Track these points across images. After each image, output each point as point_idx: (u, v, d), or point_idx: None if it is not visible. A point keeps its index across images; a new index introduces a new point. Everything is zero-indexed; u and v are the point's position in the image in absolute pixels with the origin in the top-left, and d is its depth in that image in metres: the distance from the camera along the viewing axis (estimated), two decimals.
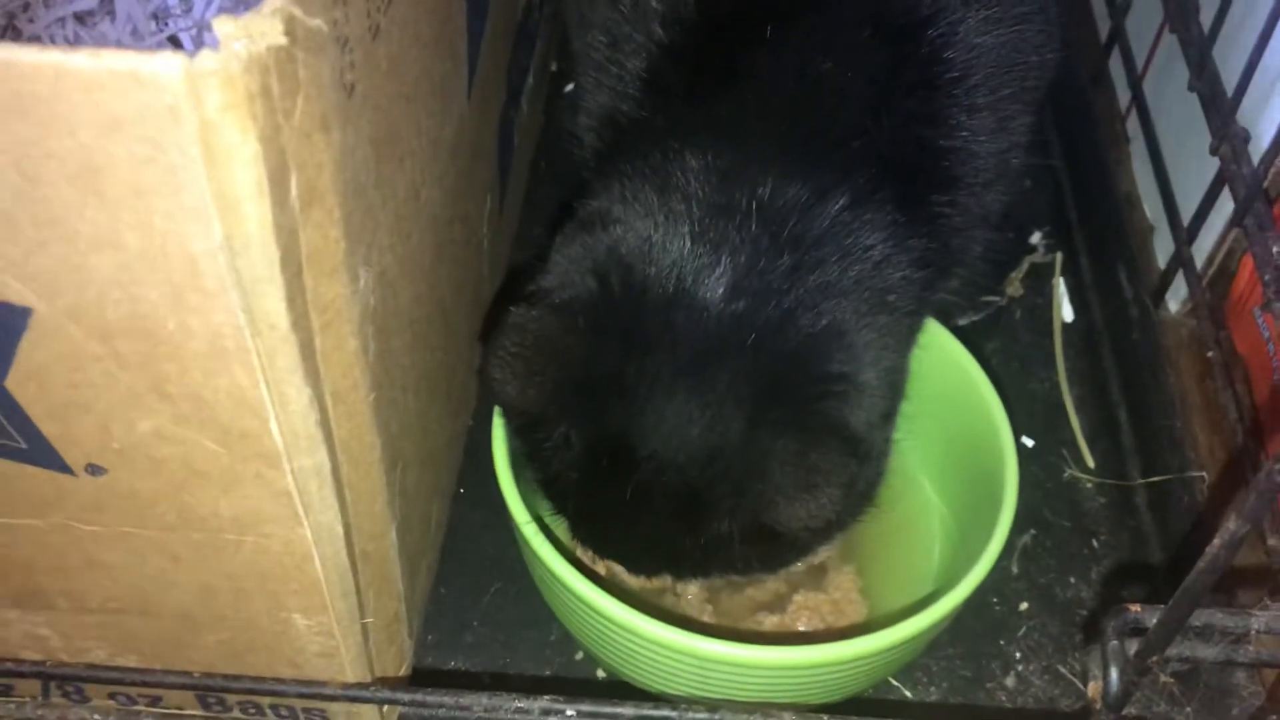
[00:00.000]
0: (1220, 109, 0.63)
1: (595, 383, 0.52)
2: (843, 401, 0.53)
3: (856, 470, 0.52)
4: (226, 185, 0.33)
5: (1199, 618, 0.42)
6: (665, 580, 0.61)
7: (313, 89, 0.35)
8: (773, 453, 0.51)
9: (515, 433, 0.58)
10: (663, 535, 0.55)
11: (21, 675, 0.51)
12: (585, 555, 0.61)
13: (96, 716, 0.50)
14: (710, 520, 0.53)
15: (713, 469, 0.52)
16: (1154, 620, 0.42)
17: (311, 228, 0.37)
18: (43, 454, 0.42)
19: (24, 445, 0.42)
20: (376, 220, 0.43)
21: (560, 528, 0.58)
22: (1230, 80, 0.64)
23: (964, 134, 0.59)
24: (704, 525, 0.53)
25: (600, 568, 0.61)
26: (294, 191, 0.35)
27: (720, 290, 0.52)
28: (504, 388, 0.52)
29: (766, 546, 0.57)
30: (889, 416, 0.59)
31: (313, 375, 0.40)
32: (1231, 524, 0.37)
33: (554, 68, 0.90)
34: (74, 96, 0.31)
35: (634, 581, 0.62)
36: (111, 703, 0.56)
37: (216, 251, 0.34)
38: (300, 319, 0.38)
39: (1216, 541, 0.38)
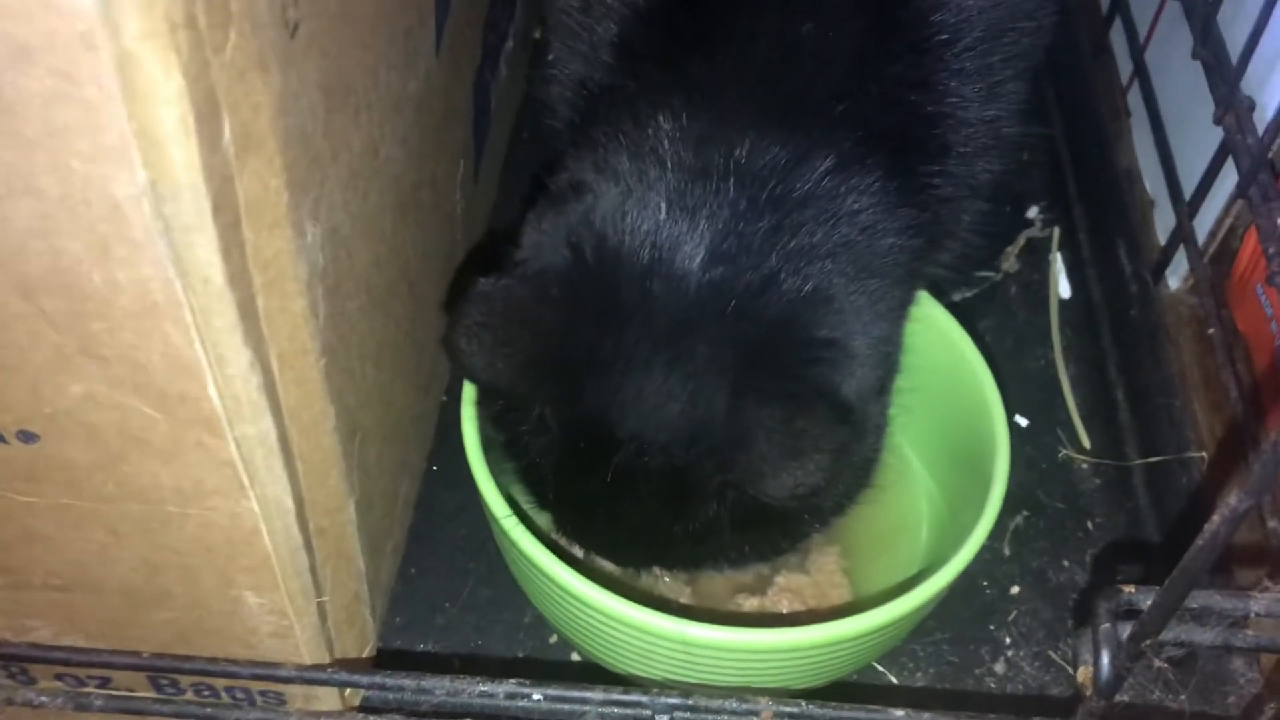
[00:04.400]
0: (1225, 77, 0.61)
1: (569, 358, 0.50)
2: (832, 368, 0.51)
3: (848, 438, 0.50)
4: (149, 124, 0.31)
5: (1196, 599, 0.39)
6: (652, 570, 0.59)
7: (246, 23, 0.33)
8: (758, 422, 0.48)
9: (490, 420, 0.56)
10: (648, 523, 0.52)
11: None
12: (564, 541, 0.58)
13: (44, 698, 0.48)
14: (697, 504, 0.51)
15: (697, 447, 0.49)
16: (1148, 602, 0.40)
17: (249, 175, 0.35)
18: None
19: None
20: (325, 173, 0.41)
21: (535, 510, 0.56)
22: (1235, 49, 0.62)
23: (953, 100, 0.57)
24: (691, 510, 0.51)
25: (576, 548, 0.59)
26: (227, 134, 0.33)
27: (698, 257, 0.49)
28: (471, 359, 0.50)
29: (758, 532, 0.54)
30: (882, 390, 0.57)
31: (254, 336, 0.38)
32: (1233, 499, 0.35)
33: (537, 35, 0.87)
34: None
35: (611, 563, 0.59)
36: (59, 684, 0.53)
37: (141, 197, 0.32)
38: (238, 274, 0.36)
39: (1216, 518, 0.35)
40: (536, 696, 0.47)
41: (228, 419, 0.39)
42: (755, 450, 0.48)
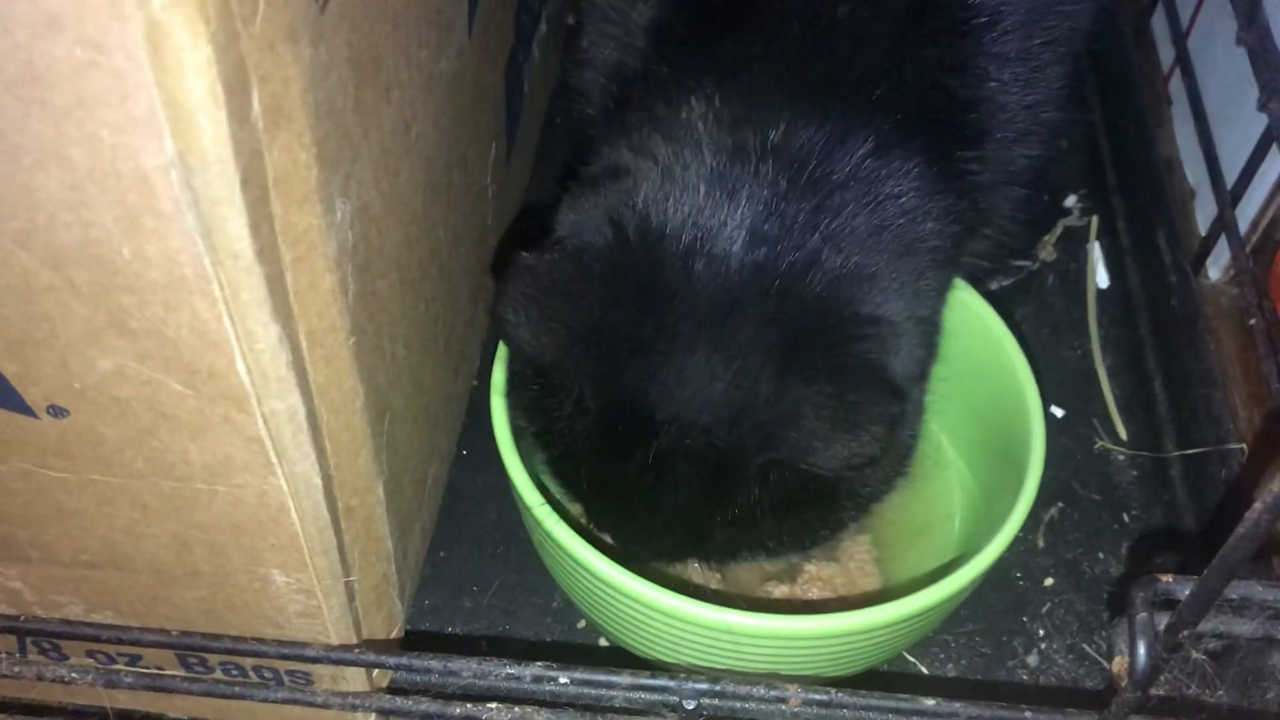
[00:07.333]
0: (1270, 62, 0.60)
1: (611, 337, 0.49)
2: (879, 344, 0.50)
3: (899, 411, 0.49)
4: (178, 94, 0.30)
5: (1235, 590, 0.38)
6: (689, 563, 0.59)
7: None
8: (805, 398, 0.48)
9: (521, 409, 0.55)
10: (687, 511, 0.52)
11: None
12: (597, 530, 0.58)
13: (75, 675, 0.48)
14: (738, 487, 0.50)
15: (740, 428, 0.49)
16: (1186, 592, 0.39)
17: (278, 149, 0.35)
18: (2, 393, 0.40)
19: None
20: (356, 149, 0.40)
21: (566, 499, 0.56)
22: None
23: (992, 84, 0.56)
24: (732, 494, 0.51)
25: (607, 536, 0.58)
26: (256, 107, 0.33)
27: (740, 238, 0.49)
28: (518, 331, 0.49)
29: (798, 518, 0.54)
30: (922, 375, 0.56)
31: (283, 312, 0.37)
32: (1276, 486, 0.34)
33: (570, 20, 0.86)
34: None
35: None
36: (90, 660, 0.53)
37: (169, 168, 0.32)
38: (267, 249, 0.35)
39: (1258, 505, 0.35)
40: (564, 680, 0.47)
41: (256, 395, 0.39)
42: (804, 426, 0.48)
